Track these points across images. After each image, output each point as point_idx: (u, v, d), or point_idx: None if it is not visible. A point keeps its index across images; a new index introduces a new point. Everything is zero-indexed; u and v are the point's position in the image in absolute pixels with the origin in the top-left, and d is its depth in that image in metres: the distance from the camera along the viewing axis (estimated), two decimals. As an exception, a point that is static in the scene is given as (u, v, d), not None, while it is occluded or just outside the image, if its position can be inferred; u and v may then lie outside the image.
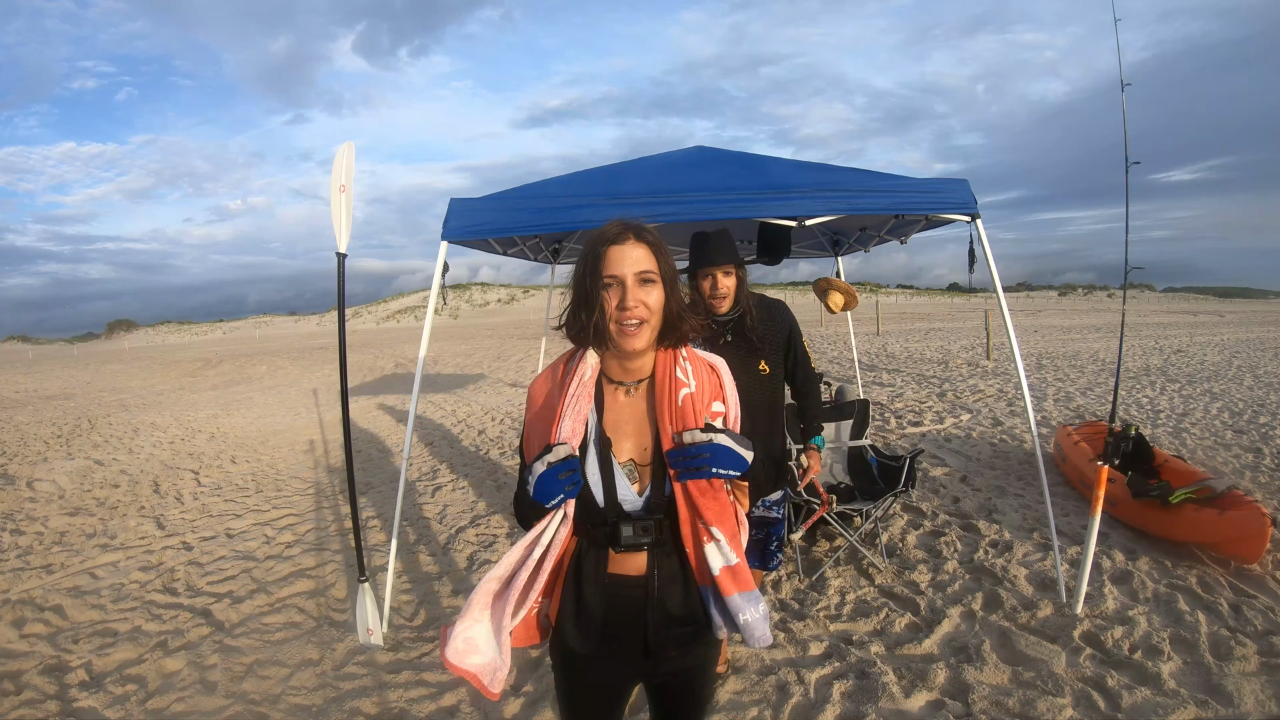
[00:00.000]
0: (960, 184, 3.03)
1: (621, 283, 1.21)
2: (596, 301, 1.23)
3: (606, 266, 1.22)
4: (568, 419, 1.25)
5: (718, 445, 1.22)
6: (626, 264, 1.21)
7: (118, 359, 26.81)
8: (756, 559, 2.46)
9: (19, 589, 3.67)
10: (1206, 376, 9.83)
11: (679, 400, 1.27)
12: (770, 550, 2.47)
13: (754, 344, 2.31)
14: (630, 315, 1.21)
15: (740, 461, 1.24)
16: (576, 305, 1.27)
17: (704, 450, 1.21)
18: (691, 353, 1.36)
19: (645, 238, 1.25)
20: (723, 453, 1.22)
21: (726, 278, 2.25)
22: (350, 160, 2.57)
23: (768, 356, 2.35)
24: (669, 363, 1.31)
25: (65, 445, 7.98)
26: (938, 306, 45.46)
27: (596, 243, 1.25)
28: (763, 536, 2.46)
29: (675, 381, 1.29)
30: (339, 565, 3.85)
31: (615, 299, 1.22)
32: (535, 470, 1.20)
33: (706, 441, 1.22)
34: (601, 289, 1.22)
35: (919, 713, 2.33)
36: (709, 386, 1.33)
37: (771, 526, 2.47)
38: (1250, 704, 2.27)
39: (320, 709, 2.50)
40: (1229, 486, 3.58)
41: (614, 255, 1.22)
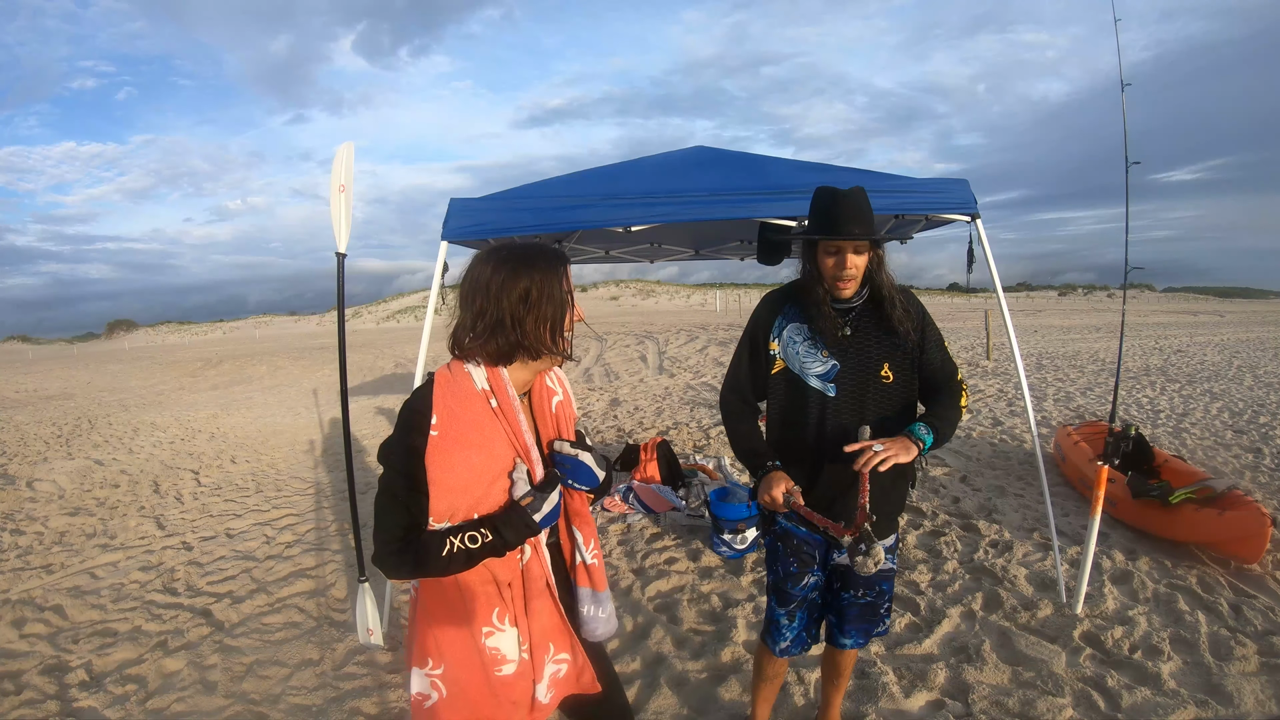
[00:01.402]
0: (960, 184, 3.03)
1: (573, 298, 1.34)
2: (563, 313, 1.31)
3: (570, 282, 1.33)
4: (535, 448, 1.32)
5: (578, 462, 1.34)
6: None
7: (118, 359, 26.80)
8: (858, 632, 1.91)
9: (19, 589, 3.67)
10: (1206, 376, 9.82)
11: (553, 407, 1.39)
12: (880, 615, 1.92)
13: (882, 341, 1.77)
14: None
15: (593, 479, 1.36)
16: (542, 316, 1.27)
17: (566, 462, 1.34)
18: None
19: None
20: (582, 469, 1.34)
21: (858, 255, 1.71)
22: (350, 160, 2.57)
23: (894, 359, 1.78)
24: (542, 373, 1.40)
25: (65, 445, 7.98)
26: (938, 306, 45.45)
27: (560, 259, 1.33)
28: (872, 598, 1.88)
29: (547, 390, 1.40)
30: (339, 565, 3.85)
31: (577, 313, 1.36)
32: (551, 499, 1.28)
33: (573, 455, 1.34)
34: (569, 303, 1.32)
35: (919, 713, 2.33)
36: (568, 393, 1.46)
37: (884, 582, 1.88)
38: (1250, 704, 2.27)
39: (320, 709, 2.50)
40: (1229, 486, 3.58)
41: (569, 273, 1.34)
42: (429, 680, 1.29)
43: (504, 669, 1.29)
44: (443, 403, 1.23)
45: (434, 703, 1.29)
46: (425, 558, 1.20)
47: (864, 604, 1.89)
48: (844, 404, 1.76)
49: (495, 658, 1.28)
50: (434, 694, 1.29)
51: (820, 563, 1.86)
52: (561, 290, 1.30)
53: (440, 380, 1.26)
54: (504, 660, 1.29)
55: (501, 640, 1.29)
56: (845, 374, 1.76)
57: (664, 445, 4.89)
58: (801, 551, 1.86)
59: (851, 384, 1.76)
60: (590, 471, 1.34)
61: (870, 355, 1.77)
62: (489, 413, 1.25)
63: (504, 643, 1.29)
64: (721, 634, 2.86)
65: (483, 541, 1.21)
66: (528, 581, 1.31)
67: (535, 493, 1.26)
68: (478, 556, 1.22)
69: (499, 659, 1.28)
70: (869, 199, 1.73)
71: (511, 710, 1.31)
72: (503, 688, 1.29)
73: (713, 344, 15.60)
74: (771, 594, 1.95)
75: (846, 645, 1.93)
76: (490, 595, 1.28)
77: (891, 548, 1.87)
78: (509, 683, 1.30)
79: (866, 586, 1.86)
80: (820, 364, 1.77)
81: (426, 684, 1.30)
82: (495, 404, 1.26)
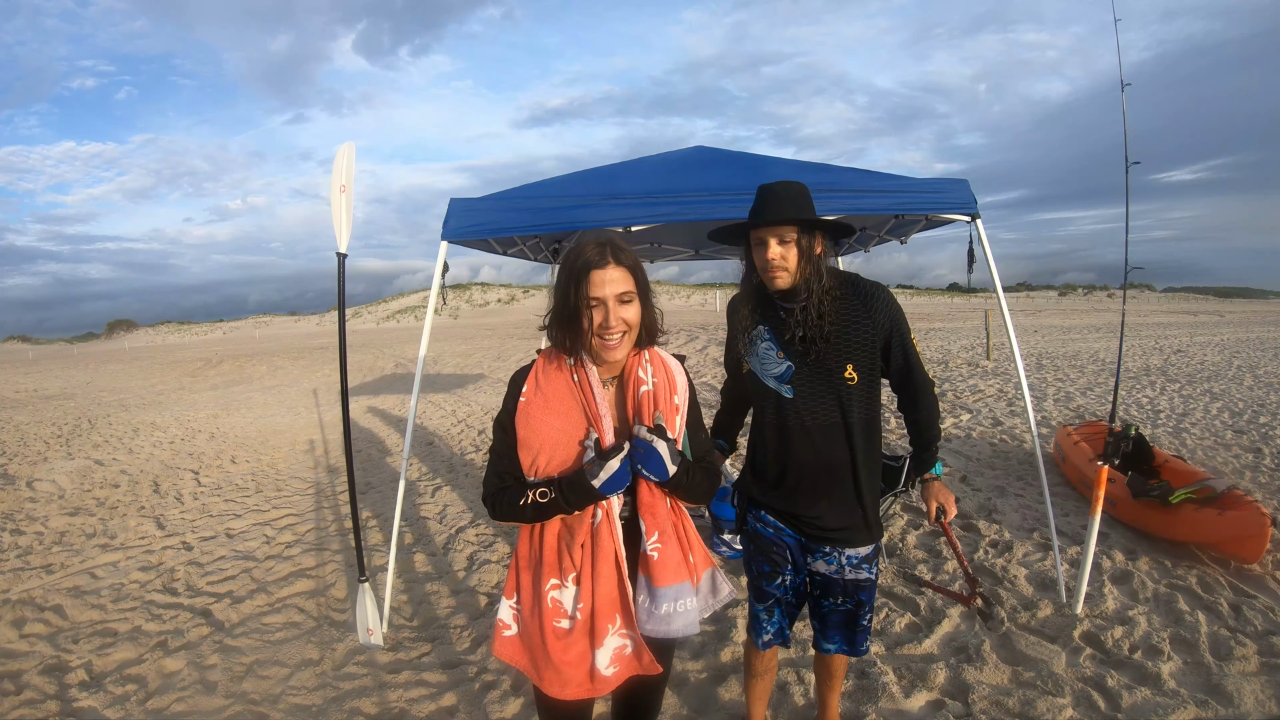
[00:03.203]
0: (960, 184, 3.03)
1: (604, 303, 1.34)
2: (580, 319, 1.36)
3: (591, 289, 1.33)
4: (607, 418, 1.40)
5: (651, 448, 1.36)
6: (608, 287, 1.34)
7: (118, 359, 26.80)
8: (842, 638, 1.91)
9: (19, 589, 3.67)
10: (1206, 376, 9.82)
11: (639, 396, 1.44)
12: (862, 625, 1.88)
13: (844, 342, 1.70)
14: (612, 332, 1.35)
15: (661, 470, 1.37)
16: (562, 319, 1.39)
17: (640, 445, 1.37)
18: (654, 353, 1.51)
19: (623, 260, 1.37)
20: (653, 457, 1.36)
21: (782, 245, 1.65)
22: (350, 160, 2.57)
23: (856, 358, 1.71)
24: (635, 361, 1.46)
25: (65, 445, 7.98)
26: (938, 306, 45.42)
27: (579, 265, 1.35)
28: (851, 606, 1.86)
29: (637, 379, 1.45)
30: (339, 565, 3.85)
31: (599, 318, 1.35)
32: (610, 467, 1.33)
33: (648, 441, 1.36)
34: (586, 308, 1.35)
35: (919, 713, 2.33)
36: (665, 384, 1.47)
37: (862, 592, 1.85)
38: (1250, 704, 2.27)
39: (320, 709, 2.50)
40: (1229, 486, 3.58)
41: (596, 279, 1.33)
42: (512, 612, 1.47)
43: (561, 622, 1.38)
44: (535, 375, 1.44)
45: (512, 634, 1.46)
46: (508, 504, 1.41)
47: (844, 611, 1.88)
48: (804, 406, 1.75)
49: (556, 610, 1.38)
50: (514, 625, 1.46)
51: (794, 563, 1.87)
52: (566, 290, 1.36)
53: (541, 357, 1.47)
54: (563, 614, 1.38)
55: (564, 595, 1.39)
56: (802, 376, 1.74)
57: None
58: (770, 552, 1.87)
59: (810, 386, 1.74)
60: (660, 461, 1.36)
61: (829, 357, 1.71)
62: (571, 385, 1.41)
63: (565, 598, 1.38)
64: (721, 634, 2.86)
65: (550, 498, 1.36)
66: (597, 545, 1.38)
67: (597, 459, 1.34)
68: (547, 510, 1.37)
69: (560, 612, 1.38)
70: (809, 194, 1.72)
71: (569, 669, 1.36)
72: (558, 642, 1.37)
73: (713, 344, 15.59)
74: (750, 590, 1.98)
75: (830, 650, 1.94)
76: (562, 550, 1.40)
77: (870, 557, 1.84)
78: (566, 639, 1.37)
79: (845, 595, 1.85)
80: (776, 365, 1.78)
81: (510, 615, 1.47)
82: (577, 379, 1.41)
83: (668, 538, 1.43)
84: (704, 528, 4.04)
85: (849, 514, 1.79)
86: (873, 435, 1.80)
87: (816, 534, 1.82)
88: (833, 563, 1.83)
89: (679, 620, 1.42)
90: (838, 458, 1.76)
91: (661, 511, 1.44)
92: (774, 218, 1.66)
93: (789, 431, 1.78)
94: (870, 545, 1.84)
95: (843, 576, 1.83)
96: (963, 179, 3.04)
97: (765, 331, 1.79)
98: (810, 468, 1.78)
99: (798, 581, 1.90)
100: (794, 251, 1.66)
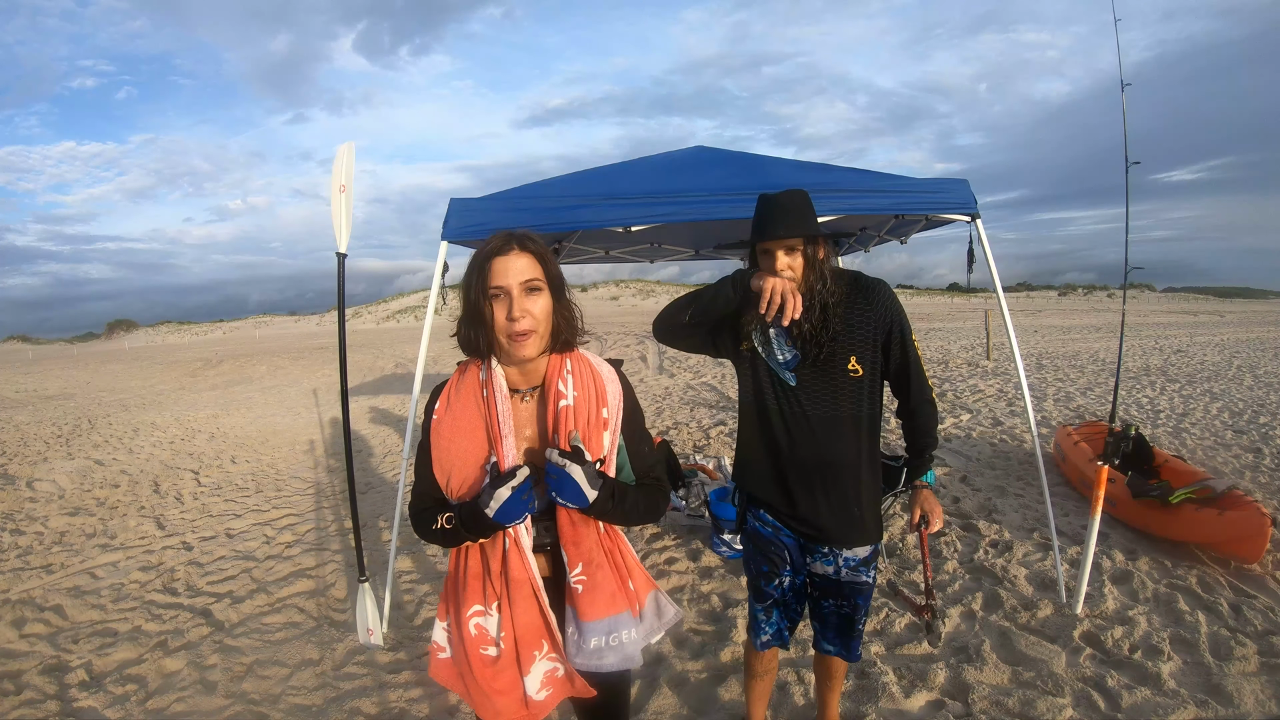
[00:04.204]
0: (960, 184, 3.03)
1: (508, 293, 1.23)
2: (482, 314, 1.25)
3: (492, 278, 1.23)
4: (509, 438, 1.28)
5: (565, 475, 1.23)
6: (511, 274, 1.23)
7: (118, 359, 26.80)
8: (839, 643, 1.91)
9: (19, 589, 3.67)
10: (1206, 376, 9.82)
11: (558, 411, 1.31)
12: (857, 630, 1.89)
13: (849, 335, 1.74)
14: (518, 324, 1.23)
15: (579, 497, 1.24)
16: (467, 318, 1.30)
17: (552, 471, 1.24)
18: (579, 360, 1.37)
19: (529, 246, 1.26)
20: (567, 483, 1.23)
21: (789, 255, 1.68)
22: (350, 160, 2.57)
23: (860, 351, 1.74)
24: (555, 372, 1.33)
25: (65, 445, 7.98)
26: (938, 306, 45.44)
27: (480, 255, 1.26)
28: (848, 610, 1.85)
29: (557, 392, 1.32)
30: (339, 565, 3.85)
31: (503, 310, 1.23)
32: (500, 496, 1.21)
33: (560, 466, 1.23)
34: (489, 300, 1.24)
35: (919, 713, 2.33)
36: (590, 396, 1.34)
37: (859, 596, 1.84)
38: (1250, 704, 2.27)
39: (320, 709, 2.50)
40: (1229, 486, 3.58)
41: (498, 266, 1.23)
42: (445, 634, 1.41)
43: (487, 649, 1.32)
44: (449, 390, 1.36)
45: (446, 656, 1.40)
46: (422, 526, 1.35)
47: (842, 614, 1.87)
48: (805, 395, 1.75)
49: (481, 637, 1.33)
50: (448, 648, 1.40)
51: (793, 564, 1.86)
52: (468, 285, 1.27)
53: (457, 371, 1.38)
54: (489, 641, 1.33)
55: (487, 622, 1.33)
56: (806, 366, 1.74)
57: (664, 445, 4.89)
58: (770, 551, 1.86)
59: (814, 376, 1.75)
60: (576, 488, 1.23)
61: (834, 349, 1.73)
62: (478, 401, 1.32)
63: (489, 625, 1.33)
64: (721, 634, 2.86)
65: (453, 525, 1.28)
66: (509, 573, 1.30)
67: (488, 486, 1.23)
68: (452, 538, 1.30)
69: (485, 639, 1.33)
70: (810, 200, 1.72)
71: (500, 697, 1.31)
72: (486, 669, 1.31)
73: (713, 344, 15.58)
74: (750, 590, 1.97)
75: (830, 651, 1.94)
76: (482, 577, 1.33)
77: (868, 560, 1.83)
78: (494, 666, 1.32)
79: (842, 597, 1.85)
80: (784, 352, 1.77)
81: (443, 636, 1.41)
82: (485, 394, 1.32)
83: (597, 567, 1.33)
84: (703, 527, 4.04)
85: (846, 512, 1.78)
86: (874, 433, 1.79)
87: (813, 534, 1.81)
88: (831, 564, 1.83)
89: (612, 655, 1.32)
90: (837, 452, 1.75)
91: (588, 540, 1.33)
92: (781, 233, 1.67)
93: (788, 420, 1.77)
94: (869, 547, 1.82)
95: (840, 578, 1.83)
96: (963, 179, 3.04)
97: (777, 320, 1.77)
98: (808, 462, 1.76)
99: (797, 582, 1.89)
100: (800, 262, 1.69)
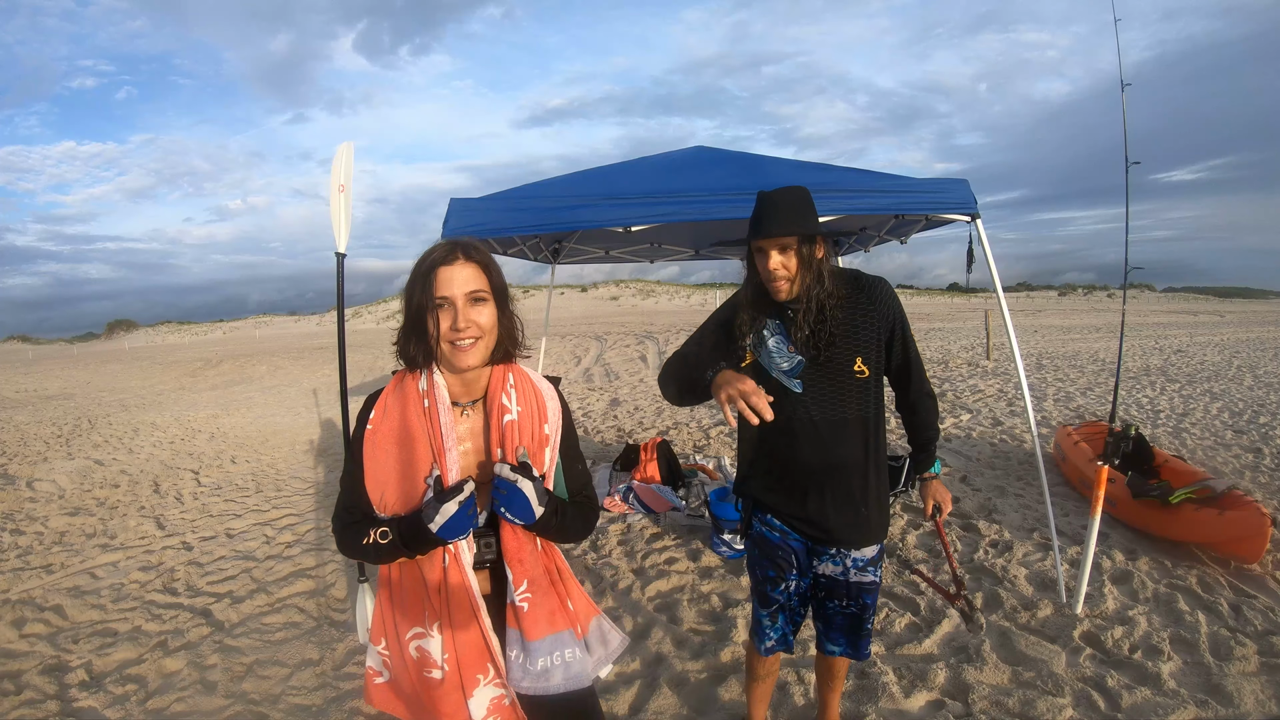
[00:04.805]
0: (960, 184, 3.03)
1: (453, 303, 1.22)
2: (425, 323, 1.24)
3: (437, 288, 1.22)
4: (453, 451, 1.26)
5: (516, 489, 1.21)
6: (456, 284, 1.22)
7: (118, 359, 26.80)
8: (846, 642, 1.90)
9: (19, 589, 3.67)
10: (1206, 376, 9.82)
11: (504, 426, 1.30)
12: (865, 630, 1.88)
13: (853, 336, 1.72)
14: (463, 335, 1.22)
15: (527, 513, 1.23)
16: (410, 327, 1.27)
17: (502, 486, 1.22)
18: (520, 375, 1.37)
19: (474, 256, 1.25)
20: (517, 498, 1.22)
21: (783, 254, 1.66)
22: (349, 160, 2.57)
23: (865, 351, 1.72)
24: (498, 385, 1.32)
25: (65, 445, 7.98)
26: (938, 306, 45.44)
27: (425, 264, 1.24)
28: (856, 610, 1.85)
29: (501, 407, 1.31)
30: (339, 565, 3.85)
31: (448, 320, 1.22)
32: (446, 511, 1.18)
33: (510, 481, 1.22)
34: (433, 309, 1.23)
35: (919, 713, 2.33)
36: (533, 411, 1.33)
37: (866, 595, 1.84)
38: (1250, 704, 2.27)
39: (320, 709, 2.50)
40: (1229, 486, 3.58)
41: (443, 276, 1.22)
42: (381, 658, 1.35)
43: (432, 673, 1.27)
44: (385, 400, 1.32)
45: (383, 681, 1.36)
46: (351, 541, 1.28)
47: (848, 615, 1.86)
48: (813, 400, 1.72)
49: (424, 660, 1.27)
50: (385, 672, 1.36)
51: (799, 568, 1.84)
52: (411, 293, 1.24)
53: (394, 379, 1.33)
54: (432, 664, 1.27)
55: (429, 644, 1.27)
56: (812, 370, 1.72)
57: (664, 445, 4.89)
58: (777, 556, 1.84)
59: (820, 380, 1.73)
60: (526, 503, 1.21)
61: (838, 351, 1.71)
62: (419, 412, 1.28)
63: (431, 647, 1.27)
64: (721, 634, 2.86)
65: (389, 540, 1.23)
66: (449, 591, 1.26)
67: (433, 500, 1.20)
68: (386, 553, 1.25)
69: (429, 662, 1.27)
70: (810, 197, 1.70)
71: (439, 716, 1.27)
72: (433, 691, 1.26)
73: (713, 344, 15.58)
74: (754, 595, 1.94)
75: (835, 652, 1.92)
76: (420, 596, 1.28)
77: (875, 559, 1.82)
78: (440, 688, 1.26)
79: (850, 597, 1.83)
80: (786, 359, 1.74)
81: (379, 661, 1.36)
82: (426, 405, 1.27)
83: (538, 585, 1.31)
84: (703, 527, 4.04)
85: (854, 513, 1.77)
86: (880, 432, 1.79)
87: (823, 536, 1.79)
88: (839, 564, 1.82)
89: (559, 674, 1.28)
90: (844, 454, 1.74)
91: (530, 556, 1.30)
92: (773, 230, 1.65)
93: (795, 427, 1.74)
94: (876, 546, 1.83)
95: (848, 579, 1.82)
96: (963, 179, 3.05)
97: (776, 326, 1.76)
98: (816, 465, 1.74)
99: (803, 586, 1.87)
100: (794, 260, 1.67)
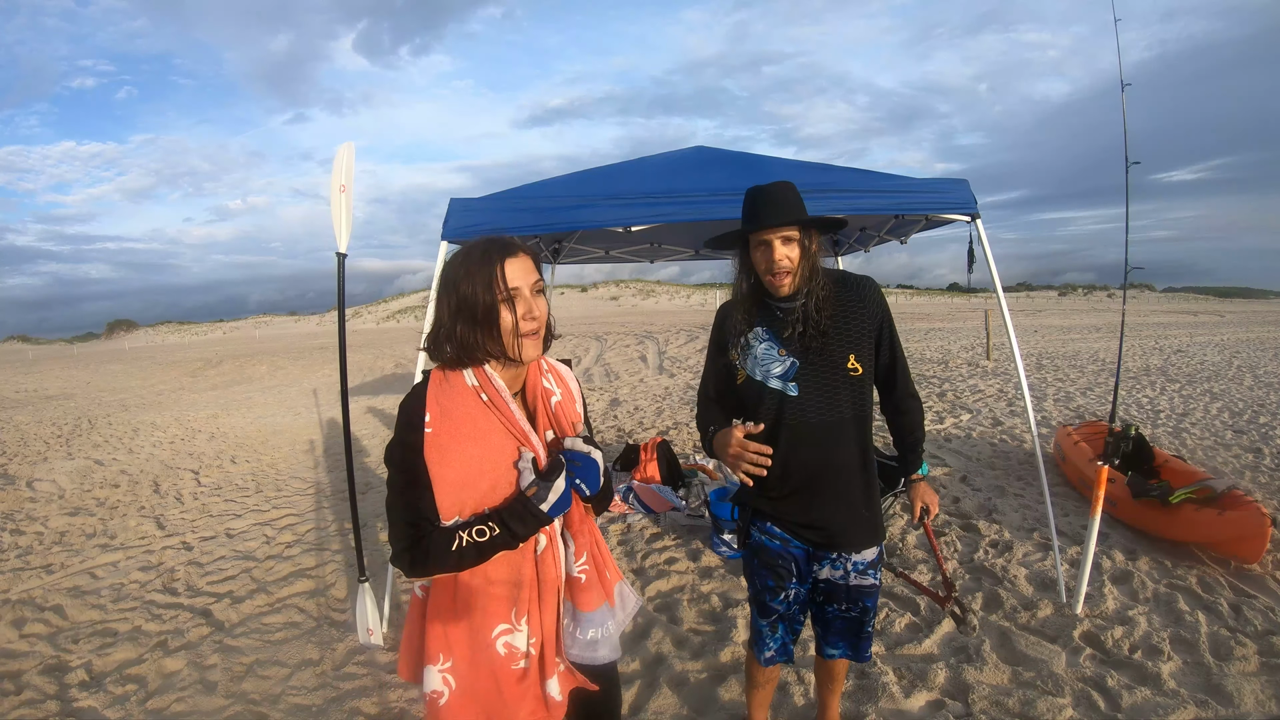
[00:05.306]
0: (960, 184, 3.03)
1: (523, 295, 1.24)
2: (496, 317, 1.22)
3: (509, 279, 1.22)
4: (534, 435, 1.30)
5: (590, 460, 1.27)
6: (522, 275, 1.24)
7: (118, 359, 26.80)
8: (846, 645, 1.90)
9: (19, 589, 3.67)
10: (1206, 376, 9.83)
11: (551, 407, 1.35)
12: (866, 632, 1.88)
13: (844, 333, 1.72)
14: (535, 325, 1.25)
15: (596, 482, 1.28)
16: (473, 322, 1.23)
17: (578, 459, 1.27)
18: (548, 361, 1.42)
19: (528, 249, 1.28)
20: (591, 469, 1.27)
21: (786, 245, 1.66)
22: (350, 160, 2.57)
23: (857, 348, 1.72)
24: (537, 373, 1.36)
25: (65, 445, 7.98)
26: (938, 306, 45.48)
27: (482, 258, 1.23)
28: (856, 613, 1.84)
29: (545, 390, 1.35)
30: (339, 565, 3.85)
31: (522, 309, 1.23)
32: (557, 488, 1.22)
33: (585, 453, 1.28)
34: (507, 301, 1.22)
35: (919, 713, 2.33)
36: (569, 394, 1.40)
37: (867, 598, 1.84)
38: (1250, 704, 2.27)
39: (320, 709, 2.50)
40: (1229, 486, 3.58)
41: (512, 268, 1.23)
42: (441, 676, 1.27)
43: (518, 664, 1.28)
44: (435, 399, 1.25)
45: (448, 699, 1.27)
46: (435, 554, 1.20)
47: (848, 618, 1.85)
48: (809, 402, 1.71)
49: (511, 656, 1.28)
50: (446, 690, 1.27)
51: (799, 575, 1.82)
52: (473, 289, 1.22)
53: (434, 378, 1.28)
54: (518, 657, 1.28)
55: (516, 639, 1.28)
56: (806, 371, 1.71)
57: (664, 445, 4.89)
58: (776, 565, 1.82)
59: (815, 380, 1.71)
60: (597, 472, 1.28)
61: (832, 349, 1.70)
62: (480, 406, 1.25)
63: (518, 641, 1.29)
64: (721, 634, 2.86)
65: (490, 535, 1.20)
66: (542, 574, 1.30)
67: (540, 481, 1.22)
68: (488, 550, 1.21)
69: (515, 656, 1.28)
70: (799, 191, 1.71)
71: (519, 707, 1.28)
72: (512, 686, 1.28)
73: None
74: (753, 605, 1.92)
75: (834, 655, 1.92)
76: (505, 592, 1.28)
77: (875, 562, 1.81)
78: (521, 681, 1.28)
79: (850, 601, 1.82)
80: (779, 364, 1.73)
81: (439, 680, 1.27)
82: (485, 398, 1.26)
83: (592, 558, 1.37)
84: (703, 527, 4.04)
85: (853, 515, 1.76)
86: (869, 432, 1.79)
87: (825, 541, 1.77)
88: (839, 569, 1.80)
89: (604, 646, 1.35)
90: (842, 456, 1.73)
91: (586, 528, 1.37)
92: (779, 219, 1.65)
93: (792, 431, 1.73)
94: (875, 548, 1.82)
95: (848, 582, 1.80)
96: (963, 179, 3.05)
97: (763, 332, 1.75)
98: (814, 468, 1.73)
99: (802, 593, 1.85)
100: (797, 252, 1.67)
